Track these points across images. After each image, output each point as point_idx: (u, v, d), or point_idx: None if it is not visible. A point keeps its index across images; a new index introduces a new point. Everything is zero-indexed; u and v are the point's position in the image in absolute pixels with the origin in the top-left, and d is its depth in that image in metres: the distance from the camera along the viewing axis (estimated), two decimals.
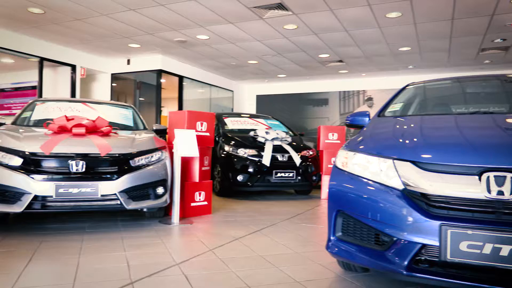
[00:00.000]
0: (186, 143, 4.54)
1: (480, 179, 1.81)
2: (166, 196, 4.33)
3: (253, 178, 6.48)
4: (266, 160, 6.46)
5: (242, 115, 8.32)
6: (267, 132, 6.92)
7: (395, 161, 2.08)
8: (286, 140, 6.95)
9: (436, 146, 2.13)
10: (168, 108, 12.80)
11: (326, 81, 13.87)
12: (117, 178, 3.90)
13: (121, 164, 4.00)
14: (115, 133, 4.55)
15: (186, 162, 4.98)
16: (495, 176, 1.78)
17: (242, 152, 6.61)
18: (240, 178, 6.45)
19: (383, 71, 12.27)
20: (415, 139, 2.25)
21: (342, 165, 2.39)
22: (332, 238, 2.31)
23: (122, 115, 5.41)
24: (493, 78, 3.84)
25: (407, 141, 2.24)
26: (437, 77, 9.50)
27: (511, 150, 1.92)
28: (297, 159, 6.67)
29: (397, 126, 2.63)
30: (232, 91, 14.57)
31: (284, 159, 6.67)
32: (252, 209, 5.61)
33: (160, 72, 10.86)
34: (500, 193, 1.76)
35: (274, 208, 5.82)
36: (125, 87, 12.33)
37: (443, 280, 1.84)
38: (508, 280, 1.74)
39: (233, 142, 6.87)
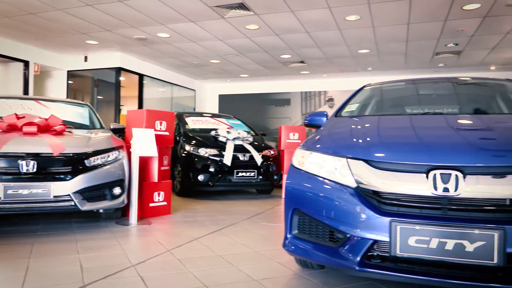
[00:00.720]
0: (144, 143, 4.45)
1: (427, 177, 1.88)
2: (123, 197, 4.23)
3: (214, 178, 6.45)
4: (227, 160, 6.45)
5: (204, 115, 8.26)
6: (228, 132, 6.91)
7: (349, 160, 2.12)
8: (247, 139, 6.97)
9: (388, 145, 2.20)
10: (128, 107, 12.51)
11: (288, 82, 14.03)
12: (71, 179, 3.77)
13: (75, 164, 3.86)
14: (70, 132, 4.39)
15: (144, 162, 4.88)
16: (441, 174, 1.86)
17: (203, 151, 6.57)
18: (201, 178, 6.41)
19: (344, 72, 12.55)
20: (368, 139, 2.31)
21: (298, 164, 2.42)
22: (288, 236, 2.33)
23: (78, 113, 5.24)
24: (445, 81, 4.01)
25: (360, 141, 2.29)
26: (395, 79, 9.84)
27: (457, 149, 2.02)
28: (258, 159, 6.69)
29: (352, 126, 2.69)
30: (194, 90, 14.45)
31: (246, 159, 6.68)
32: (212, 209, 5.58)
33: (119, 70, 10.60)
34: (446, 190, 1.84)
35: (235, 207, 5.82)
36: (82, 84, 11.95)
37: (394, 275, 1.90)
38: (454, 274, 1.82)
39: (194, 141, 6.81)
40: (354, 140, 2.34)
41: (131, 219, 4.35)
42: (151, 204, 4.85)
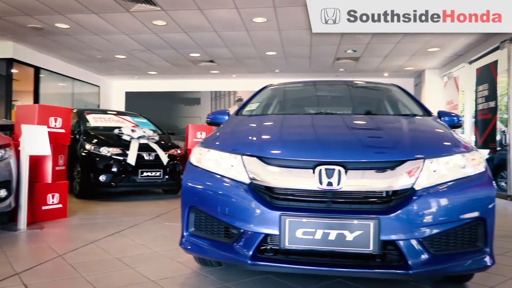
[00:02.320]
0: (35, 140, 4.11)
1: (314, 172, 2.00)
2: (10, 200, 3.86)
3: (117, 178, 6.17)
4: (132, 159, 6.22)
5: (108, 112, 7.87)
6: (133, 130, 6.66)
7: (243, 156, 2.17)
8: (153, 138, 6.78)
9: (279, 142, 2.30)
10: (23, 102, 11.44)
11: (198, 81, 13.95)
12: None
13: None
14: None
15: (36, 162, 4.51)
16: (326, 169, 1.98)
17: (105, 151, 6.25)
18: (102, 178, 6.09)
19: (252, 73, 12.82)
20: (262, 136, 2.39)
21: (196, 162, 2.41)
22: (185, 234, 2.31)
23: None
24: (340, 83, 4.30)
25: (255, 138, 2.36)
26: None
27: (341, 146, 2.18)
28: (164, 158, 6.55)
29: (250, 124, 2.76)
30: (98, 86, 13.70)
31: (151, 158, 6.49)
32: (114, 211, 5.34)
33: (11, 61, 9.64)
34: (330, 184, 1.96)
35: (139, 208, 5.63)
36: None
37: (284, 266, 1.99)
38: (337, 262, 1.96)
39: (95, 140, 6.45)
40: (250, 137, 2.40)
41: (20, 224, 3.99)
42: (44, 207, 4.49)
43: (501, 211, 6.38)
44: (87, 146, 6.33)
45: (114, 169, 6.16)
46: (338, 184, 1.96)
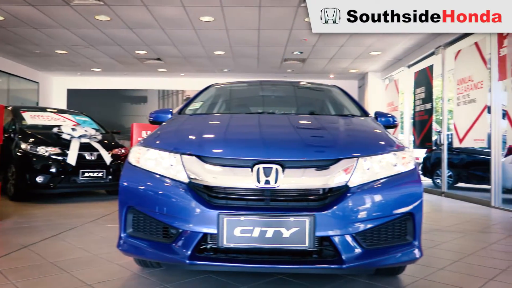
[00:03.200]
0: None
1: (252, 171, 2.02)
2: None
3: (56, 179, 5.89)
4: (72, 159, 5.96)
5: (47, 110, 7.49)
6: (73, 129, 6.38)
7: (182, 155, 2.15)
8: (95, 137, 6.54)
9: (219, 141, 2.30)
10: None
11: (145, 79, 13.63)
12: None
13: None
14: None
15: None
16: (263, 168, 2.01)
17: (43, 150, 5.94)
18: (39, 179, 5.79)
19: (201, 72, 12.72)
20: (203, 135, 2.39)
21: (135, 161, 2.36)
22: (122, 235, 2.25)
23: None
24: (285, 83, 4.36)
25: (195, 137, 2.35)
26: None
27: (279, 145, 2.22)
28: (107, 158, 6.34)
29: (191, 123, 2.75)
30: (37, 82, 13.00)
31: (93, 158, 6.26)
32: (52, 213, 5.09)
33: None
34: (267, 182, 1.99)
35: (79, 210, 5.41)
36: None
37: (222, 265, 1.99)
38: (274, 259, 1.99)
39: (32, 139, 6.12)
40: (190, 136, 2.39)
41: None
42: None
43: (436, 207, 6.78)
44: (23, 146, 5.99)
45: (53, 170, 5.87)
46: (276, 182, 1.99)
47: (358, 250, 1.99)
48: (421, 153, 11.26)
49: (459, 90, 7.57)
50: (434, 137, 9.45)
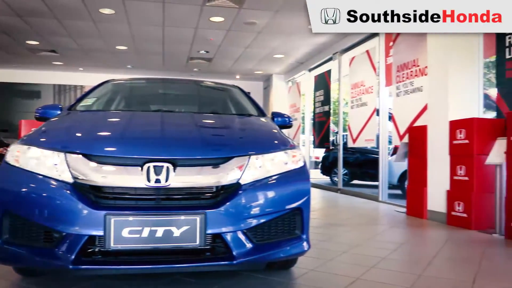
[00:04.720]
0: None
1: (142, 170, 1.96)
2: None
3: None
4: None
5: None
6: None
7: (67, 154, 2.02)
8: None
9: (108, 139, 2.21)
10: None
11: (39, 72, 12.53)
12: None
13: None
14: None
15: None
16: (154, 166, 1.97)
17: None
18: None
19: (102, 67, 12.07)
20: (91, 133, 2.27)
21: (13, 161, 2.15)
22: None
23: None
24: (186, 82, 4.32)
25: (82, 135, 2.23)
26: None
27: (170, 143, 2.19)
28: None
29: (80, 120, 2.59)
30: None
31: None
32: None
33: None
34: (158, 181, 1.95)
35: None
36: None
37: (109, 268, 1.92)
38: (166, 259, 1.96)
39: None
40: (77, 134, 2.26)
41: None
42: None
43: (332, 203, 7.25)
44: None
45: None
46: (166, 181, 1.96)
47: (249, 245, 2.04)
48: (321, 152, 11.98)
49: (352, 94, 8.20)
50: (331, 138, 10.09)
